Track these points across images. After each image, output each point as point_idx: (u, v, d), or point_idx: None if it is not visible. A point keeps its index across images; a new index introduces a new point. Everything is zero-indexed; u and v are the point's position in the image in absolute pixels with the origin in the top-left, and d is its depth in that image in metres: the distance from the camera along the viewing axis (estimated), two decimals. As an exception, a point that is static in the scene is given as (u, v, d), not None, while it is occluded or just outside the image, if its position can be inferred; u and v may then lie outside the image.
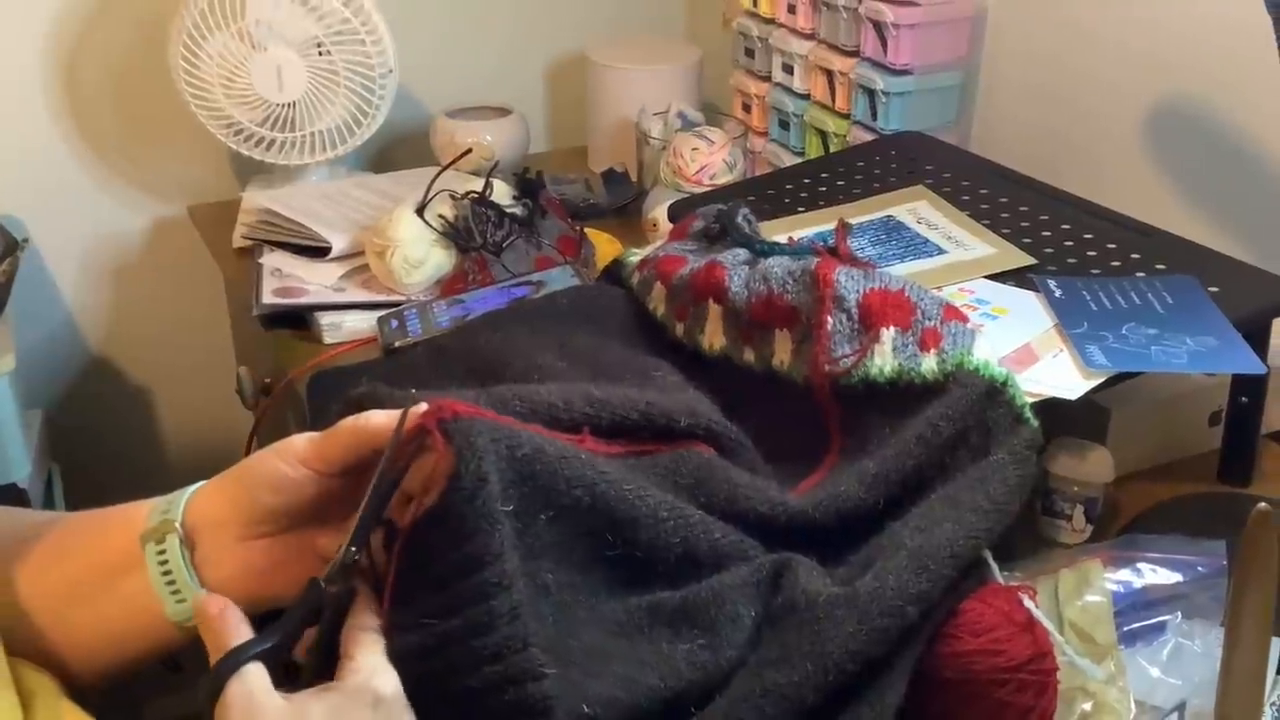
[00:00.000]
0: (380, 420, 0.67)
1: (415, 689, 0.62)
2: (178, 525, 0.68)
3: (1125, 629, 0.79)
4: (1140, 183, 1.29)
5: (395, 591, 0.64)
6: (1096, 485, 0.93)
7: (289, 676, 0.62)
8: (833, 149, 1.47)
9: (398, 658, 0.62)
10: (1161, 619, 0.79)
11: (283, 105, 1.45)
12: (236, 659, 0.59)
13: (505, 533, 0.65)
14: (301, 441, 0.68)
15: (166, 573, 0.68)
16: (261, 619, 0.65)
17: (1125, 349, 0.90)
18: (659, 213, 1.35)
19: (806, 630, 0.67)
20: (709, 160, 1.41)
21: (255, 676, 0.58)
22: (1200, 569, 0.82)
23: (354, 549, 0.64)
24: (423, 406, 0.67)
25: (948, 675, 0.70)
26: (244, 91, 1.44)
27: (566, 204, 1.43)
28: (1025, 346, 0.92)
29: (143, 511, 0.70)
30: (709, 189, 1.38)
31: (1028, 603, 0.72)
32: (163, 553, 0.68)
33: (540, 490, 0.68)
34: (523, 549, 0.67)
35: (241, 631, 0.62)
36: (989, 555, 0.75)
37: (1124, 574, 0.82)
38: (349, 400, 0.79)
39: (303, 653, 0.63)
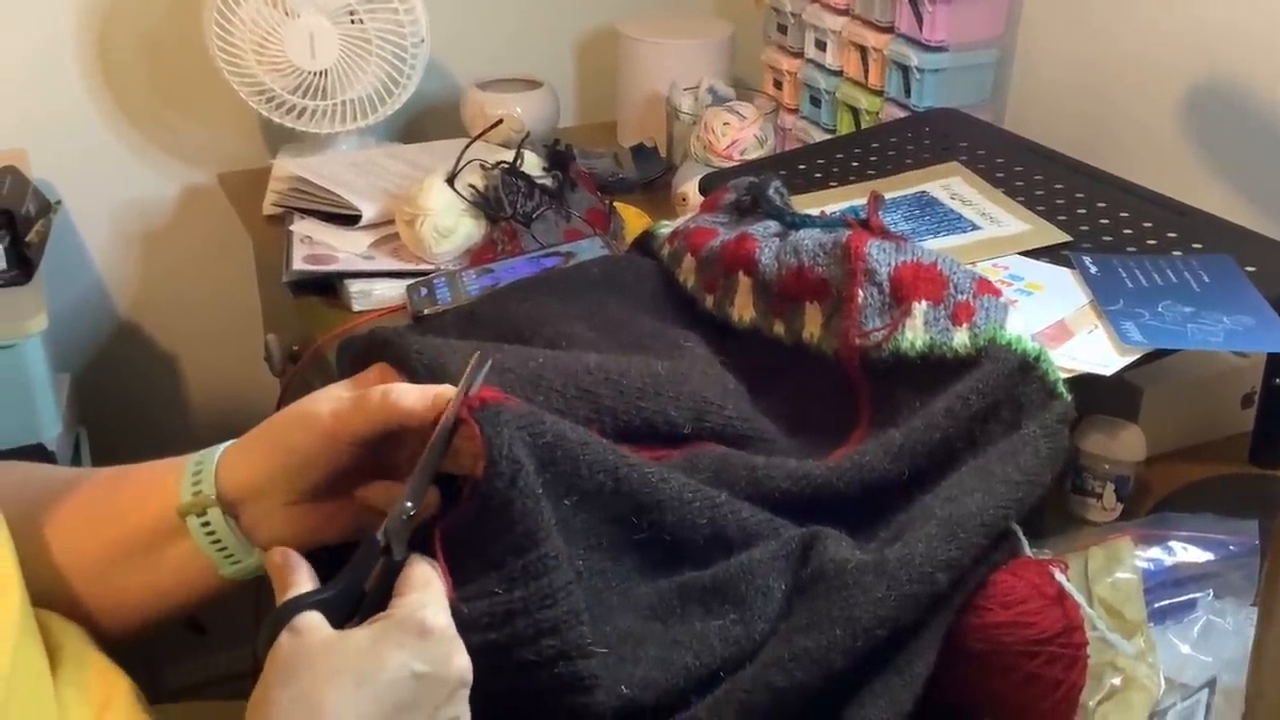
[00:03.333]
0: (410, 402, 0.67)
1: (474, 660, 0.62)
2: (214, 498, 0.69)
3: (1155, 606, 0.79)
4: (1177, 161, 1.28)
5: (451, 575, 0.65)
6: (1128, 463, 0.92)
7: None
8: (865, 126, 1.46)
9: (463, 627, 0.63)
10: (1192, 597, 0.79)
11: (315, 73, 1.45)
12: (294, 606, 0.60)
13: (548, 511, 0.66)
14: (327, 413, 0.68)
15: (215, 540, 0.69)
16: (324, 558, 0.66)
17: (1161, 326, 0.89)
18: (689, 187, 1.35)
19: (836, 597, 0.67)
20: (740, 135, 1.41)
21: (308, 619, 0.59)
22: (1232, 548, 0.82)
23: (410, 505, 0.64)
24: (449, 390, 0.68)
25: (977, 647, 0.70)
26: (276, 58, 1.44)
27: (595, 178, 1.43)
28: (1060, 322, 0.91)
29: (173, 476, 0.71)
30: (739, 164, 1.37)
31: (1059, 576, 0.72)
32: (206, 524, 0.69)
33: (562, 476, 0.69)
34: (560, 532, 0.67)
35: (302, 579, 0.63)
36: (1019, 530, 0.75)
37: (1155, 552, 0.82)
38: (372, 341, 0.79)
39: None
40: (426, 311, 1.15)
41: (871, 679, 0.67)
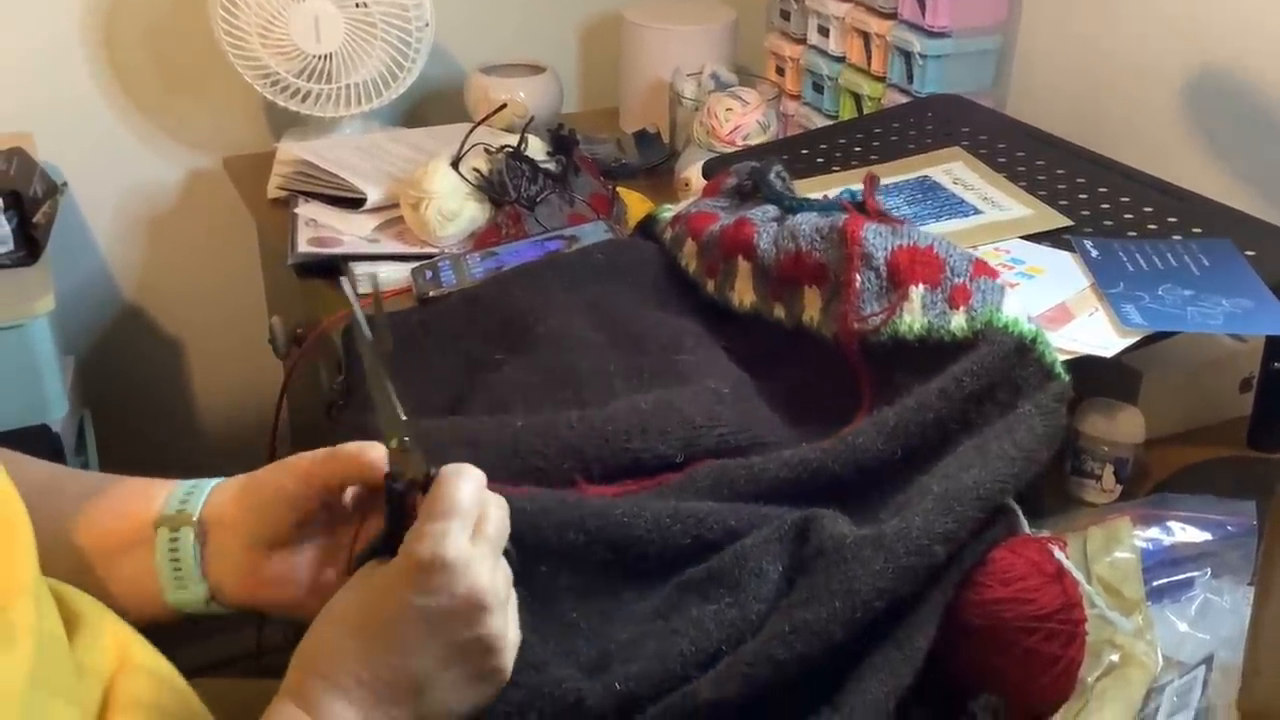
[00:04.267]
0: (374, 455, 0.70)
1: None
2: (194, 519, 0.71)
3: (1153, 585, 0.79)
4: (1178, 147, 1.28)
5: None
6: (1127, 445, 0.93)
7: None
8: (867, 112, 1.46)
9: None
10: (1190, 576, 0.80)
11: (319, 57, 1.45)
12: (359, 556, 0.65)
13: None
14: (307, 459, 0.71)
15: (175, 562, 0.71)
16: None
17: (1161, 309, 0.90)
18: (691, 172, 1.35)
19: (835, 571, 0.68)
20: (743, 121, 1.41)
21: (367, 565, 0.64)
22: (1230, 528, 0.82)
23: (403, 437, 0.64)
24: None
25: (977, 623, 0.71)
26: (281, 41, 1.44)
27: (598, 163, 1.43)
28: (1060, 305, 0.92)
29: (162, 492, 0.73)
30: (742, 149, 1.38)
31: (1058, 554, 0.72)
32: (175, 540, 0.71)
33: (529, 549, 0.71)
34: (531, 601, 0.69)
35: None
36: (1018, 508, 0.76)
37: (1153, 532, 0.83)
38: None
39: None
40: (431, 294, 1.15)
41: (871, 653, 0.68)
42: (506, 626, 0.64)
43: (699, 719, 0.65)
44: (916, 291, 0.88)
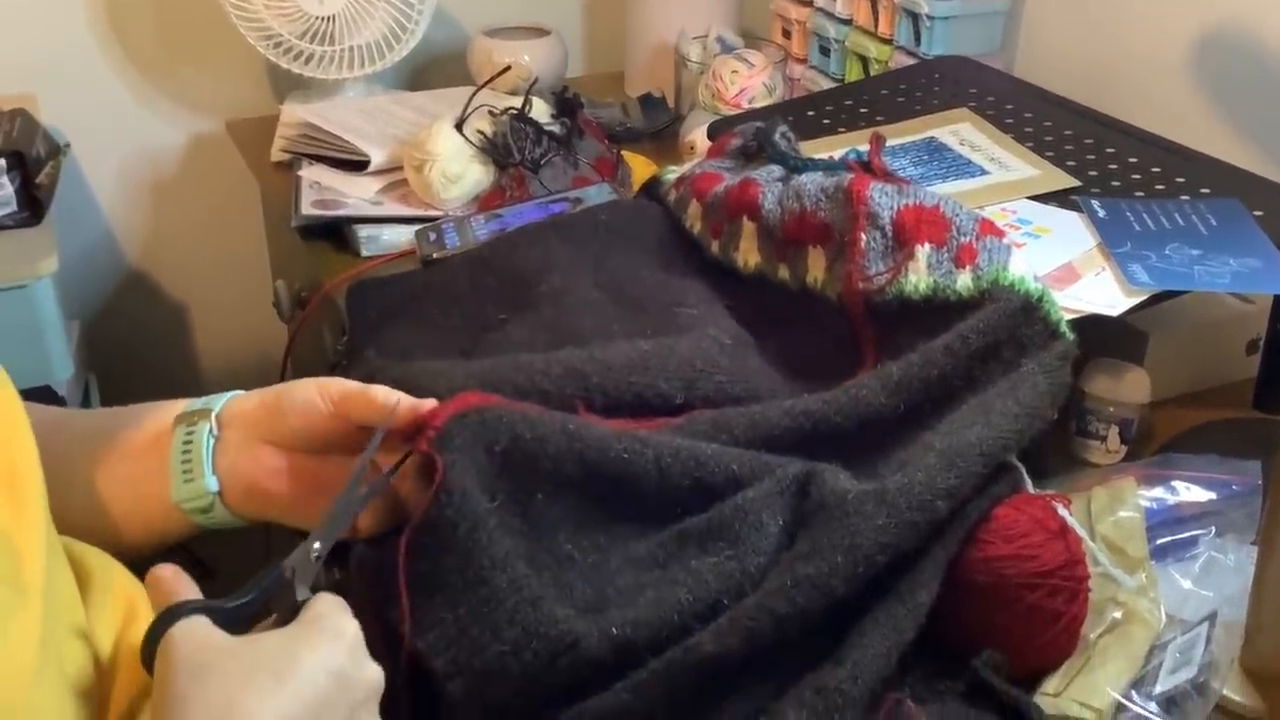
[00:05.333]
0: (403, 412, 0.71)
1: (452, 676, 0.65)
2: (213, 416, 0.72)
3: (1157, 543, 0.79)
4: (1186, 108, 1.27)
5: (410, 602, 0.66)
6: (1132, 406, 0.93)
7: None
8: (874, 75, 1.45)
9: (429, 653, 0.65)
10: (1194, 534, 0.80)
11: (322, 18, 1.45)
12: (181, 610, 0.57)
13: (490, 526, 0.67)
14: (339, 385, 0.72)
15: (186, 452, 0.71)
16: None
17: (1168, 268, 0.89)
18: (696, 135, 1.34)
19: (836, 525, 0.68)
20: (748, 83, 1.40)
21: (200, 621, 0.57)
22: (1234, 488, 0.82)
23: (318, 546, 0.63)
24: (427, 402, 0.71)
25: (979, 579, 0.71)
26: (284, 3, 1.43)
27: (603, 127, 1.43)
28: (1067, 265, 0.91)
29: (183, 403, 0.75)
30: (747, 112, 1.37)
31: (1061, 510, 0.72)
32: (190, 433, 0.72)
33: (524, 476, 0.71)
34: (528, 530, 0.69)
35: (190, 593, 0.60)
36: (1021, 466, 0.76)
37: (1158, 491, 0.83)
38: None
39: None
40: (435, 256, 1.15)
41: (874, 608, 0.68)
42: None
43: (701, 672, 0.65)
44: (922, 251, 0.88)
